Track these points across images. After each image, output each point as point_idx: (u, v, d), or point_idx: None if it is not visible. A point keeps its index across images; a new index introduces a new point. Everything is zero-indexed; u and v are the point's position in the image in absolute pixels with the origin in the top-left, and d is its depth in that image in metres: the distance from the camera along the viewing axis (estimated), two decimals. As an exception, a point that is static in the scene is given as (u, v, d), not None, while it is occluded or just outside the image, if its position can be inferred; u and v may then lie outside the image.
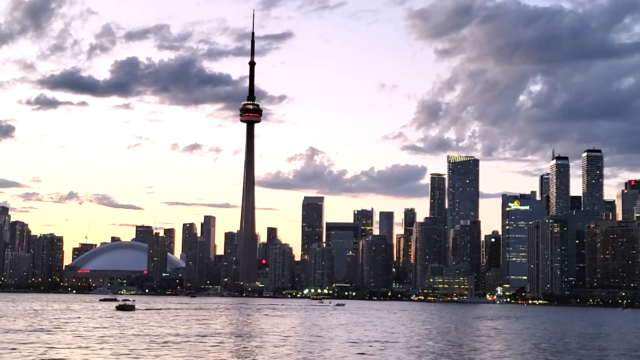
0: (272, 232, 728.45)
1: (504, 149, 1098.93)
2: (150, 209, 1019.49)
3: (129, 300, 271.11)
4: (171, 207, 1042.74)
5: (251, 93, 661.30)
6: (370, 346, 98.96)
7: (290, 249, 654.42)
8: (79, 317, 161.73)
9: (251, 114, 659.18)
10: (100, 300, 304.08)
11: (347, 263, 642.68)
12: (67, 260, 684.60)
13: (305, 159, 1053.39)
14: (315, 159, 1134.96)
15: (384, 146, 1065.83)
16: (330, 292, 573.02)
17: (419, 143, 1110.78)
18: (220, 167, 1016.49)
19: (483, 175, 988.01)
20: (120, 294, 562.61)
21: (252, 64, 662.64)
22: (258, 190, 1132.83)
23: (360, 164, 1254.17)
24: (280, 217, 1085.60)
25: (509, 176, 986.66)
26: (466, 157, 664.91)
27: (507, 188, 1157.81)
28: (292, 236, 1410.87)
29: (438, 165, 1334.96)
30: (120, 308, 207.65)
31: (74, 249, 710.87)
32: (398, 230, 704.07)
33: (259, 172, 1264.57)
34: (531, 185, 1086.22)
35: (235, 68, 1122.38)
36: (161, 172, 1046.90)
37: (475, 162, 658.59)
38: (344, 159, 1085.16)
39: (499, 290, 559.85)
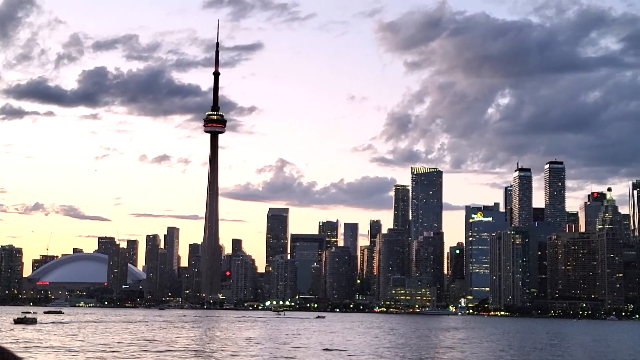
0: (236, 243, 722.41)
1: (473, 161, 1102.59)
2: (118, 221, 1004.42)
3: (29, 312, 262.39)
4: (139, 219, 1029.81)
5: (215, 103, 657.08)
6: None
7: (253, 260, 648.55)
8: None
9: (215, 125, 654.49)
10: (45, 312, 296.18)
11: (312, 275, 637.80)
12: (27, 272, 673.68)
13: (275, 171, 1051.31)
14: (284, 171, 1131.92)
15: (353, 158, 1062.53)
16: (293, 303, 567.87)
17: (389, 155, 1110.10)
18: (189, 179, 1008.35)
19: (451, 187, 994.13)
20: (79, 306, 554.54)
21: (216, 74, 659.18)
22: (227, 202, 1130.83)
23: (330, 176, 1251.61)
24: (249, 229, 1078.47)
25: (477, 188, 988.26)
26: (430, 168, 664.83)
27: (476, 200, 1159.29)
28: (257, 248, 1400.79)
29: (407, 177, 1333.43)
30: (18, 322, 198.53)
31: (34, 261, 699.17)
32: (365, 241, 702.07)
33: (229, 184, 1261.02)
34: (498, 198, 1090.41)
35: (205, 79, 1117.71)
36: (129, 183, 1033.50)
37: (438, 174, 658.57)
38: (314, 170, 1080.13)
39: (463, 301, 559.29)
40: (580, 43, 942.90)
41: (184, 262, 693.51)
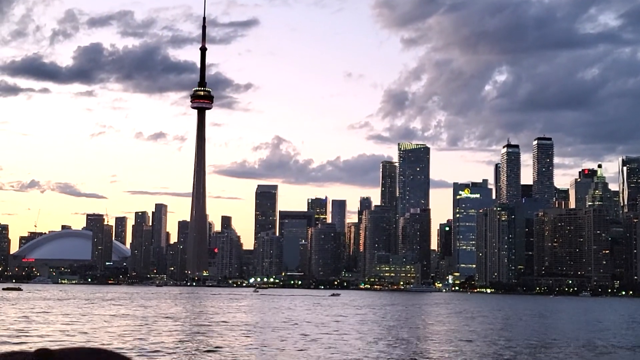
0: (226, 220, 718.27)
1: (469, 138, 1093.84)
2: (114, 198, 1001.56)
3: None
4: (134, 196, 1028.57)
5: (202, 79, 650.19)
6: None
7: (239, 237, 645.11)
8: None
9: (202, 100, 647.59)
10: (3, 289, 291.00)
11: (300, 252, 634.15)
12: (15, 249, 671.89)
13: (271, 148, 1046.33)
14: (281, 148, 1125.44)
15: (350, 136, 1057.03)
16: (277, 280, 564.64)
17: (385, 132, 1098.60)
18: (185, 156, 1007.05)
19: (447, 164, 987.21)
20: (62, 283, 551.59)
21: (203, 50, 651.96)
22: (223, 179, 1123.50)
23: (326, 154, 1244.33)
24: (242, 206, 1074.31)
25: (473, 166, 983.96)
26: (417, 144, 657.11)
27: (472, 178, 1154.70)
28: (249, 225, 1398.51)
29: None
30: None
31: (21, 238, 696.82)
32: (355, 218, 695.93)
33: (225, 161, 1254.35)
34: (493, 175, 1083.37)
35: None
36: (125, 160, 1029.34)
37: (426, 150, 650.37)
38: (310, 148, 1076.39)
39: (450, 278, 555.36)
40: (578, 19, 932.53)
41: (174, 239, 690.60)
